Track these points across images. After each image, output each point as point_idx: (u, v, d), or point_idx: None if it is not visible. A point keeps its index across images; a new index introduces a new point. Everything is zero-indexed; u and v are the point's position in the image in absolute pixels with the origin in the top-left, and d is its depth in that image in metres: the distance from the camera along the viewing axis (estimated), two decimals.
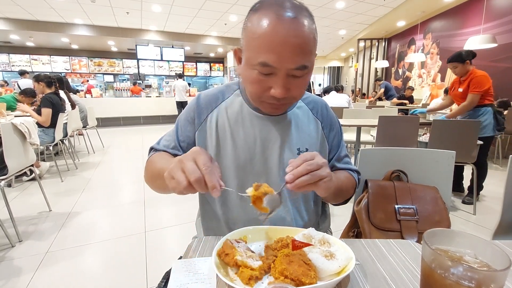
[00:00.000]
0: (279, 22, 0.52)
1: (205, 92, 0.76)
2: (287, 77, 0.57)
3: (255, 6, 0.58)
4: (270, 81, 0.57)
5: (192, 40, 9.12)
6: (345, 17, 6.87)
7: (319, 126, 0.75)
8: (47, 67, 10.03)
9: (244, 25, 0.60)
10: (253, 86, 0.60)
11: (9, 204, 1.80)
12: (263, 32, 0.53)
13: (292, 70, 0.55)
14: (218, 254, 0.48)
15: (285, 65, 0.54)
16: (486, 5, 4.95)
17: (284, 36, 0.52)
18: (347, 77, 12.02)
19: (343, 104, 4.07)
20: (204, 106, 0.72)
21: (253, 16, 0.56)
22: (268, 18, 0.53)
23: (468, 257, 0.36)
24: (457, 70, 2.44)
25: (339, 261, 0.46)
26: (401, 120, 2.58)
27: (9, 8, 6.30)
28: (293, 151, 0.71)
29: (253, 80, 0.58)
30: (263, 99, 0.61)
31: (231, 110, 0.72)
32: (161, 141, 0.76)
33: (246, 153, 0.70)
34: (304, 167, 0.50)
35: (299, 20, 0.53)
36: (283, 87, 0.57)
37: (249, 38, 0.56)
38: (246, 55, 0.58)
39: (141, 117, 8.06)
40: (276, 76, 0.56)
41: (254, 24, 0.55)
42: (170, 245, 1.82)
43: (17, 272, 1.50)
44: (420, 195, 0.87)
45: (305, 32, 0.54)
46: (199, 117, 0.72)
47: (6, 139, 1.83)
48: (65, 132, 3.48)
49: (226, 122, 0.71)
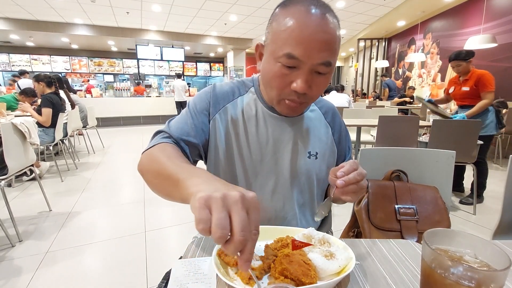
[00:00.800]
0: (309, 16, 0.54)
1: (221, 84, 0.73)
2: (311, 73, 0.57)
3: (285, 3, 0.58)
4: (293, 75, 0.57)
5: (192, 40, 9.12)
6: (345, 16, 6.87)
7: (329, 131, 0.75)
8: (47, 67, 10.02)
9: (270, 20, 0.60)
10: (275, 80, 0.59)
11: (9, 204, 1.80)
12: (292, 24, 0.54)
13: (317, 65, 0.56)
14: (218, 254, 0.48)
15: (311, 59, 0.55)
16: (486, 5, 4.94)
17: (313, 29, 0.53)
18: (347, 77, 12.01)
19: (344, 104, 4.07)
20: (220, 96, 0.70)
21: (282, 11, 0.57)
22: (297, 11, 0.54)
23: (468, 257, 0.36)
24: (460, 68, 2.42)
25: (339, 261, 0.46)
26: (401, 120, 2.58)
27: (9, 8, 6.29)
28: (304, 154, 0.70)
29: (276, 73, 0.58)
30: (283, 96, 0.60)
31: (246, 107, 0.70)
32: (171, 124, 0.67)
33: (257, 153, 0.69)
34: (355, 177, 0.52)
35: (328, 17, 0.55)
36: (305, 82, 0.56)
37: (276, 31, 0.57)
38: (270, 48, 0.58)
39: (141, 117, 8.06)
40: (300, 70, 0.56)
41: (283, 18, 0.56)
42: (170, 245, 1.82)
43: (17, 272, 1.50)
44: (420, 195, 0.87)
45: (333, 29, 0.55)
46: (214, 106, 0.69)
47: (6, 139, 1.83)
48: (65, 132, 3.48)
49: (240, 118, 0.69)
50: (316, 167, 0.72)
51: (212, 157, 0.70)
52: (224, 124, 0.69)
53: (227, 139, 0.69)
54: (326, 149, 0.73)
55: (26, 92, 3.83)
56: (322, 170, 0.73)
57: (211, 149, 0.70)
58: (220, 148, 0.69)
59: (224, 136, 0.69)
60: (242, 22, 7.64)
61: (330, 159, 0.74)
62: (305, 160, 0.70)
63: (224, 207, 0.33)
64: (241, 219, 0.33)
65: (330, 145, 0.74)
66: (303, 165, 0.70)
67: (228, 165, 0.69)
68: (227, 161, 0.69)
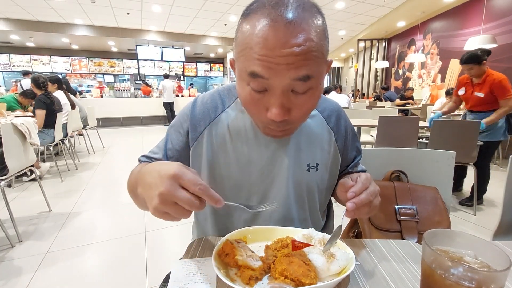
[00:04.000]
0: (270, 25, 0.43)
1: (202, 99, 0.65)
2: (286, 93, 0.46)
3: (246, 10, 0.48)
4: (265, 100, 0.48)
5: (192, 40, 9.14)
6: (345, 17, 6.87)
7: (332, 138, 0.66)
8: (48, 67, 10.04)
9: (235, 34, 0.50)
10: (248, 107, 0.51)
11: (9, 204, 1.80)
12: (252, 39, 0.44)
13: (290, 82, 0.45)
14: (218, 254, 0.48)
15: (279, 77, 0.44)
16: (486, 5, 4.95)
17: (275, 42, 0.43)
18: (347, 77, 12.02)
19: (343, 105, 4.08)
20: (200, 117, 0.62)
21: (243, 21, 0.47)
22: (256, 21, 0.44)
23: (468, 257, 0.36)
24: (472, 71, 2.23)
25: (339, 261, 0.46)
26: (401, 120, 2.58)
27: (9, 9, 6.30)
28: (302, 167, 0.63)
29: (246, 98, 0.49)
30: (264, 123, 0.52)
31: (232, 122, 0.62)
32: (149, 151, 0.68)
33: (249, 173, 0.61)
34: (367, 197, 0.48)
35: (297, 20, 0.43)
36: (280, 107, 0.46)
37: (239, 47, 0.47)
38: (237, 66, 0.50)
39: (141, 117, 8.06)
40: (271, 92, 0.47)
41: (244, 31, 0.46)
42: (170, 245, 1.82)
43: (17, 272, 1.49)
44: (420, 196, 0.87)
45: (306, 34, 0.43)
46: (194, 130, 0.62)
47: (6, 139, 1.83)
48: (65, 132, 3.48)
49: (227, 136, 0.61)
50: (318, 179, 0.65)
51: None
52: (209, 145, 0.62)
53: (212, 161, 0.62)
54: (329, 158, 0.66)
55: (26, 94, 3.82)
56: (324, 180, 0.66)
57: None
58: (204, 174, 0.62)
59: (208, 161, 0.62)
60: None
61: (333, 168, 0.67)
62: (304, 174, 0.63)
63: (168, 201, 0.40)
64: (180, 196, 0.40)
65: (333, 153, 0.66)
66: (302, 180, 0.64)
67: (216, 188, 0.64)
68: (214, 185, 0.62)
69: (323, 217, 0.74)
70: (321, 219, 0.72)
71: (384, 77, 8.87)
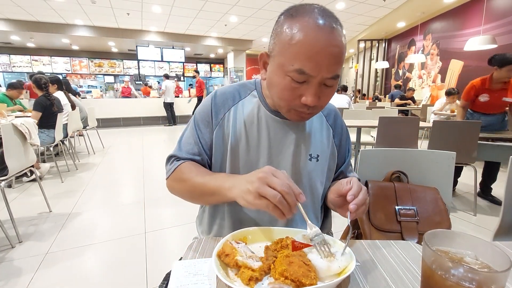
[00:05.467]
0: (318, 29, 0.52)
1: (221, 90, 0.74)
2: (319, 86, 0.57)
3: (290, 12, 0.57)
4: (302, 89, 0.57)
5: (193, 41, 9.14)
6: (345, 18, 6.88)
7: (330, 134, 0.75)
8: (48, 68, 10.04)
9: (276, 30, 0.59)
10: (284, 93, 0.59)
11: (9, 205, 1.79)
12: (302, 39, 0.53)
13: (327, 79, 0.56)
14: (218, 255, 0.48)
15: (321, 74, 0.54)
16: (486, 6, 4.95)
17: (323, 44, 0.52)
18: (347, 78, 12.03)
19: (343, 105, 4.08)
20: (221, 105, 0.71)
21: (289, 21, 0.55)
22: (306, 24, 0.53)
23: (468, 258, 0.36)
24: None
25: (339, 262, 0.46)
26: (401, 121, 2.58)
27: (9, 9, 6.31)
28: (305, 156, 0.71)
29: (285, 87, 0.58)
30: (292, 106, 0.60)
31: (248, 110, 0.71)
32: (181, 146, 0.72)
33: (258, 156, 0.69)
34: (364, 197, 0.54)
35: (337, 29, 0.54)
36: (315, 95, 0.57)
37: (284, 43, 0.55)
38: (278, 60, 0.57)
39: (141, 118, 8.07)
40: (309, 84, 0.56)
41: (292, 30, 0.54)
42: (170, 246, 1.82)
43: (17, 273, 1.49)
44: (420, 196, 0.87)
45: (342, 42, 0.55)
46: (216, 116, 0.70)
47: (6, 140, 1.83)
48: (65, 132, 3.48)
49: (242, 122, 0.70)
50: (318, 170, 0.72)
51: (218, 162, 0.71)
52: (229, 129, 0.70)
53: (231, 144, 0.69)
54: (327, 151, 0.73)
55: (14, 85, 3.77)
56: (324, 172, 0.73)
57: (216, 156, 0.71)
58: (224, 154, 0.70)
59: (231, 141, 0.69)
60: (243, 23, 7.66)
61: (331, 162, 0.74)
62: (306, 162, 0.71)
63: (264, 183, 0.49)
64: (274, 181, 0.49)
65: (331, 148, 0.74)
66: (304, 168, 0.70)
67: (232, 168, 0.70)
68: (231, 165, 0.70)
69: (320, 216, 0.77)
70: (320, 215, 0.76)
71: (384, 78, 8.88)
